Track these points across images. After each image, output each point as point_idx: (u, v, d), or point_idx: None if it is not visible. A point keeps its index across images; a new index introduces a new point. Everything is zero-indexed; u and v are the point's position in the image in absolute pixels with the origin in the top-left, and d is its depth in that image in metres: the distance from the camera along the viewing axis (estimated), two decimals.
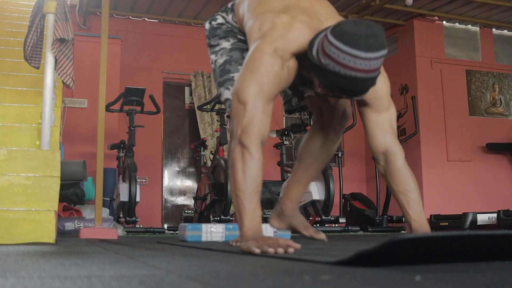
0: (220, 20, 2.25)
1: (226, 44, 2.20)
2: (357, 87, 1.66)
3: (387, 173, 2.01)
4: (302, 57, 1.83)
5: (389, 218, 5.86)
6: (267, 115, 1.80)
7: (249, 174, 1.71)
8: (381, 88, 1.96)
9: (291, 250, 1.50)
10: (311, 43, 1.74)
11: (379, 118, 1.98)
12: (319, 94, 1.83)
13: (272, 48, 1.79)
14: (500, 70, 7.46)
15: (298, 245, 1.54)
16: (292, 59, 1.83)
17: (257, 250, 1.50)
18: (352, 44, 1.58)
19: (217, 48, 2.22)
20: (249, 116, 1.76)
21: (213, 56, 2.23)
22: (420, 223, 1.95)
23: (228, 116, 2.16)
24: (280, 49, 1.80)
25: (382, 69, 1.97)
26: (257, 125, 1.76)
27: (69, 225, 4.30)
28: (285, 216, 2.38)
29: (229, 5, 2.26)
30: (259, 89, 1.77)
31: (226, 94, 2.12)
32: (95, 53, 5.02)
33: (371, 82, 1.68)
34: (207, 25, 2.29)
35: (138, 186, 5.05)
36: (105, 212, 4.88)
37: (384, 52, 1.62)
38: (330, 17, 1.93)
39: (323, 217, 4.90)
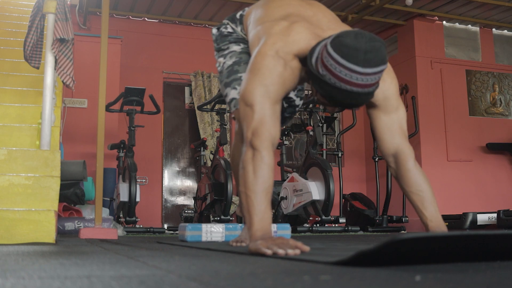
0: (230, 29, 2.23)
1: (236, 48, 2.18)
2: (352, 101, 1.65)
3: (398, 175, 1.97)
4: (303, 62, 1.82)
5: (389, 218, 5.86)
6: (276, 117, 1.78)
7: (260, 174, 1.67)
8: (389, 88, 1.92)
9: (298, 252, 1.45)
10: (312, 50, 1.73)
11: (388, 120, 1.94)
12: (316, 102, 1.83)
13: (273, 50, 1.79)
14: (500, 70, 7.46)
15: (307, 247, 1.49)
16: (295, 60, 1.82)
17: (268, 251, 1.45)
18: (350, 59, 1.57)
19: (226, 52, 2.19)
20: (258, 118, 1.74)
21: (221, 59, 2.20)
22: (436, 224, 1.88)
23: (234, 118, 2.14)
24: (282, 51, 1.79)
25: (389, 68, 1.95)
26: (267, 127, 1.73)
27: (69, 225, 4.30)
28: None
29: (238, 15, 2.24)
30: (264, 91, 1.76)
31: (233, 93, 2.08)
32: (95, 53, 5.02)
33: (367, 96, 1.66)
34: (214, 31, 2.26)
35: (138, 186, 5.05)
36: (105, 212, 4.88)
37: (383, 67, 1.61)
38: (334, 25, 1.93)
39: (323, 217, 4.90)
